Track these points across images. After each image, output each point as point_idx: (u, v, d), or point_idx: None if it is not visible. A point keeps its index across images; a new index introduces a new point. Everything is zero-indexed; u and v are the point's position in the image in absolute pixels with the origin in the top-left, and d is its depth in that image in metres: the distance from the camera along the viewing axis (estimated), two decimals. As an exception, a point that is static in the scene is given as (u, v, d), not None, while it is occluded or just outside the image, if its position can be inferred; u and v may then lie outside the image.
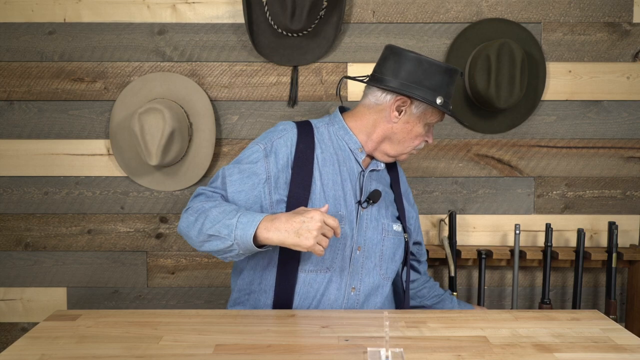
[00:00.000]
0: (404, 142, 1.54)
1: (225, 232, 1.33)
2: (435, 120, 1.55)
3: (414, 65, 1.49)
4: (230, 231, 1.32)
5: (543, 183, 2.15)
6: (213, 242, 1.36)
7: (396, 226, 1.58)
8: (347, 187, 1.52)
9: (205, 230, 1.36)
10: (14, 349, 1.18)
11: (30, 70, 2.09)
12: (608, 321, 1.36)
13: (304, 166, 1.48)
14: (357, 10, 2.08)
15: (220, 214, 1.36)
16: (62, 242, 2.15)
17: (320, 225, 1.27)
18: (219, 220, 1.35)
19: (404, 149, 1.56)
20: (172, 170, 2.09)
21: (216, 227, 1.34)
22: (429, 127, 1.56)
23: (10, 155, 2.12)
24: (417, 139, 1.55)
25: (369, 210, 1.53)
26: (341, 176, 1.51)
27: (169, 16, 2.08)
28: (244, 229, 1.31)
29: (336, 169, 1.51)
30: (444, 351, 1.16)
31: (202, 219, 1.38)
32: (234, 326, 1.32)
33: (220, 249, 1.36)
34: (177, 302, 2.17)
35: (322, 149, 1.53)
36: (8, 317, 2.17)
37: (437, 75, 1.49)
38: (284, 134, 1.52)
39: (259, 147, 1.50)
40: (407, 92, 1.48)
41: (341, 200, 1.49)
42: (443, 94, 1.50)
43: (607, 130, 2.13)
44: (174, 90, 2.08)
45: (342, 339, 1.23)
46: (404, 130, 1.53)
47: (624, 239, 2.12)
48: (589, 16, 2.09)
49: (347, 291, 1.50)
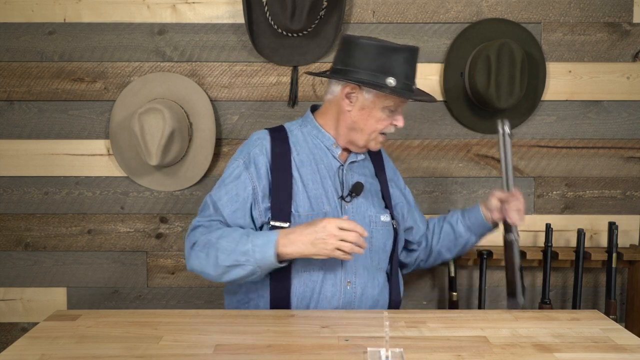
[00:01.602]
0: (366, 129, 1.50)
1: (243, 259, 1.36)
2: (395, 103, 1.49)
3: (360, 51, 1.47)
4: (249, 257, 1.36)
5: (543, 183, 2.15)
6: (233, 271, 1.39)
7: (384, 216, 1.57)
8: (328, 184, 1.52)
9: (222, 263, 1.38)
10: (14, 349, 1.18)
11: (30, 70, 2.09)
12: (608, 321, 1.36)
13: (283, 170, 1.50)
14: (357, 10, 2.08)
15: (230, 242, 1.39)
16: (62, 242, 2.15)
17: (333, 232, 1.32)
18: (233, 250, 1.37)
19: (369, 136, 1.51)
20: (172, 170, 2.09)
21: (233, 257, 1.37)
22: (390, 110, 1.50)
23: (10, 155, 2.12)
24: (380, 124, 1.50)
25: (354, 203, 1.53)
26: (320, 174, 1.52)
27: (169, 16, 2.08)
28: (263, 251, 1.35)
29: (314, 168, 1.53)
30: (444, 351, 1.16)
31: (214, 252, 1.40)
32: (234, 326, 1.32)
33: (242, 276, 1.39)
34: (177, 302, 2.17)
35: (298, 150, 1.54)
36: (8, 317, 2.17)
37: (383, 57, 1.45)
38: (259, 143, 1.54)
39: (238, 162, 1.53)
40: (350, 78, 1.47)
41: (323, 198, 1.51)
42: (395, 75, 1.45)
43: (607, 130, 2.13)
44: (174, 90, 2.08)
45: (342, 339, 1.23)
46: (361, 117, 1.50)
47: (624, 239, 2.12)
48: (589, 16, 2.09)
49: (342, 286, 1.50)
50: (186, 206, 2.13)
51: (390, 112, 1.50)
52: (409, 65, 1.48)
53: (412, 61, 1.49)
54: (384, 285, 1.58)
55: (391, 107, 1.49)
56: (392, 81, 1.44)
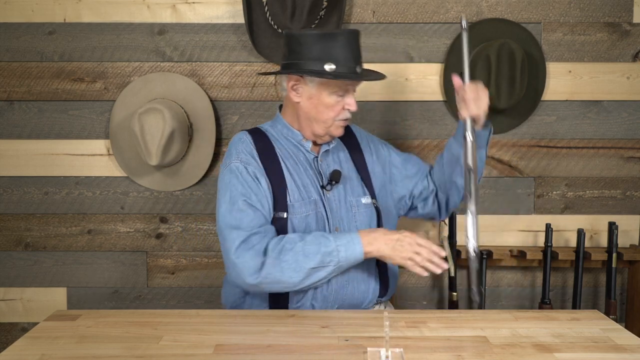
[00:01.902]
0: (320, 117, 1.52)
1: (328, 259, 1.40)
2: (340, 87, 1.50)
3: (299, 43, 1.50)
4: (333, 257, 1.40)
5: (543, 183, 2.15)
6: (315, 274, 1.41)
7: (365, 199, 1.60)
8: (308, 175, 1.56)
9: (305, 265, 1.39)
10: (14, 349, 1.18)
11: (30, 70, 2.09)
12: (608, 321, 1.36)
13: (272, 161, 1.53)
14: (357, 10, 2.08)
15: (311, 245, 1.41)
16: (62, 242, 2.15)
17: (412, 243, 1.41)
18: (317, 251, 1.40)
19: (325, 123, 1.52)
20: (172, 170, 2.09)
21: (318, 258, 1.40)
22: (339, 95, 1.51)
23: (10, 155, 2.12)
24: (333, 110, 1.51)
25: (334, 191, 1.56)
26: (302, 166, 1.56)
27: (169, 16, 2.08)
28: (347, 250, 1.41)
29: (295, 160, 1.56)
30: (444, 351, 1.16)
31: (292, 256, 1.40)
32: (234, 326, 1.32)
33: (322, 278, 1.42)
34: (177, 302, 2.17)
35: (278, 146, 1.57)
36: (8, 317, 2.17)
37: (320, 45, 1.47)
38: (242, 141, 1.56)
39: (234, 163, 1.51)
40: (290, 70, 1.50)
41: (310, 187, 1.54)
42: (334, 60, 1.46)
43: (607, 130, 2.13)
44: (174, 90, 2.08)
45: (342, 339, 1.23)
46: (312, 106, 1.52)
47: (624, 239, 2.12)
48: (589, 16, 2.09)
49: None
50: (186, 206, 2.13)
51: (340, 97, 1.51)
52: (349, 48, 1.49)
53: (352, 44, 1.50)
54: (375, 271, 1.58)
55: (338, 92, 1.50)
56: (332, 66, 1.46)
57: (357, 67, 1.50)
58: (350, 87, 1.51)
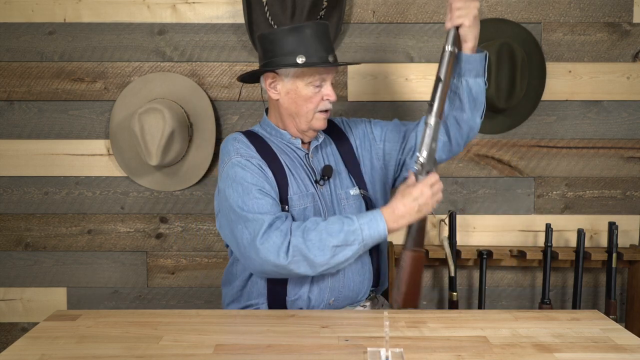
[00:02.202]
0: (300, 111, 1.53)
1: (352, 238, 1.40)
2: (315, 77, 1.50)
3: (270, 42, 1.52)
4: (357, 235, 1.40)
5: (543, 183, 2.15)
6: (340, 253, 1.40)
7: (353, 190, 1.61)
8: (302, 172, 1.57)
9: (329, 244, 1.39)
10: (14, 349, 1.18)
11: (30, 70, 2.09)
12: (608, 321, 1.36)
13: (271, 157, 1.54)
14: (357, 10, 2.08)
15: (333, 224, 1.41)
16: (62, 242, 2.15)
17: (429, 193, 1.44)
18: (340, 230, 1.40)
19: (306, 116, 1.53)
20: (172, 170, 2.09)
21: (341, 237, 1.39)
22: (315, 86, 1.51)
23: (10, 155, 2.12)
24: (311, 102, 1.52)
25: (326, 185, 1.58)
26: (296, 162, 1.58)
27: (169, 16, 2.08)
28: (371, 228, 1.41)
29: (289, 157, 1.58)
30: (444, 351, 1.16)
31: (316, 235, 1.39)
32: (234, 326, 1.32)
33: (348, 257, 1.41)
34: (177, 302, 2.17)
35: (272, 145, 1.59)
36: (8, 317, 2.17)
37: (285, 39, 1.50)
38: (237, 140, 1.57)
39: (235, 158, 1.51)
40: (265, 68, 1.53)
41: (307, 181, 1.56)
42: (303, 52, 1.48)
43: (607, 130, 2.13)
44: (174, 90, 2.08)
45: (342, 339, 1.23)
46: (290, 101, 1.53)
47: (624, 239, 2.12)
48: (589, 16, 2.09)
49: None
50: (186, 206, 2.13)
51: (317, 88, 1.52)
52: (318, 39, 1.50)
53: (321, 35, 1.51)
54: (369, 260, 1.58)
55: (314, 82, 1.51)
56: (303, 58, 1.48)
57: (329, 56, 1.51)
58: (325, 76, 1.52)
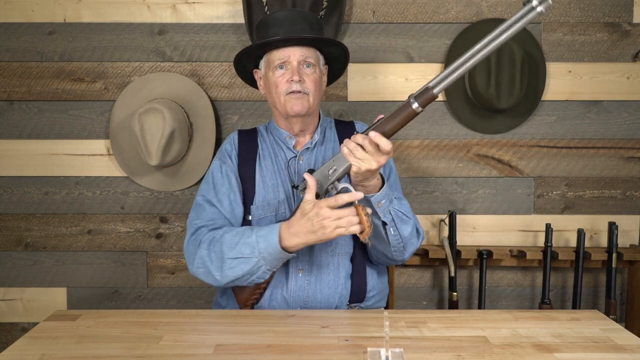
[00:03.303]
0: (274, 98, 1.55)
1: (247, 251, 1.36)
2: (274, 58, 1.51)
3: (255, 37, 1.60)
4: (252, 248, 1.36)
5: (543, 183, 2.15)
6: (237, 267, 1.38)
7: None
8: (283, 175, 1.57)
9: (225, 257, 1.38)
10: (14, 349, 1.18)
11: (30, 70, 2.09)
12: (608, 321, 1.36)
13: (247, 164, 1.58)
14: (357, 10, 2.08)
15: (234, 236, 1.40)
16: (62, 242, 2.15)
17: (325, 215, 1.30)
18: (237, 242, 1.38)
19: (280, 102, 1.53)
20: (172, 170, 2.09)
21: (237, 249, 1.37)
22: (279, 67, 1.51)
23: (10, 155, 2.12)
24: (279, 85, 1.52)
25: None
26: (277, 166, 1.58)
27: (169, 16, 2.08)
28: (267, 240, 1.36)
29: (273, 160, 1.59)
30: (444, 351, 1.16)
31: (218, 247, 1.41)
32: (234, 326, 1.32)
33: (246, 272, 1.38)
34: (177, 302, 2.17)
35: (262, 147, 1.62)
36: (8, 317, 2.17)
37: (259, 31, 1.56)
38: (229, 141, 1.65)
39: (214, 161, 1.62)
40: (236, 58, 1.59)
41: (280, 187, 1.55)
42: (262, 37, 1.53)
43: (607, 130, 2.13)
44: (174, 90, 2.08)
45: (342, 339, 1.23)
46: (268, 91, 1.58)
47: (624, 239, 2.12)
48: (589, 16, 2.09)
49: (294, 273, 1.49)
50: (186, 206, 2.13)
51: (281, 70, 1.51)
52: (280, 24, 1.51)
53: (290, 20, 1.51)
54: (345, 274, 1.51)
55: (277, 62, 1.51)
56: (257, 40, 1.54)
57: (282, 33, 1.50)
58: (286, 56, 1.50)
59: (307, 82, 1.51)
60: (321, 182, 1.37)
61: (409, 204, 1.56)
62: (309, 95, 1.52)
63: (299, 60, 1.51)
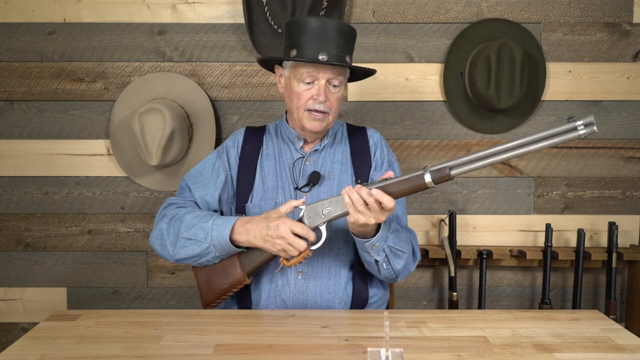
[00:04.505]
0: (292, 106, 1.50)
1: (201, 235, 1.39)
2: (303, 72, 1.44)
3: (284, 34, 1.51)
4: (206, 234, 1.39)
5: (543, 183, 2.15)
6: (189, 247, 1.42)
7: None
8: (285, 176, 1.55)
9: (181, 235, 1.42)
10: (14, 349, 1.18)
11: (30, 70, 2.09)
12: (608, 321, 1.36)
13: (248, 164, 1.56)
14: (357, 10, 2.08)
15: (194, 218, 1.43)
16: (62, 242, 2.15)
17: (283, 234, 1.32)
18: (195, 224, 1.41)
19: (297, 113, 1.48)
20: (172, 170, 2.09)
21: (192, 231, 1.41)
22: (306, 82, 1.45)
23: (10, 155, 2.12)
24: (300, 98, 1.47)
25: (313, 193, 1.52)
26: (279, 166, 1.56)
27: (169, 16, 2.08)
28: (220, 230, 1.38)
29: (276, 161, 1.57)
30: (444, 351, 1.16)
31: (177, 224, 1.44)
32: (234, 326, 1.32)
33: (197, 254, 1.41)
34: (177, 302, 2.17)
35: (267, 146, 1.59)
36: (8, 317, 2.17)
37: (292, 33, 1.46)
38: (233, 138, 1.62)
39: (213, 153, 1.60)
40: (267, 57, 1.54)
41: (279, 189, 1.53)
42: (296, 45, 1.44)
43: (607, 130, 2.13)
44: (174, 90, 2.08)
45: (342, 339, 1.23)
46: (287, 95, 1.53)
47: (624, 239, 2.12)
48: (589, 16, 2.09)
49: (293, 276, 1.48)
50: (186, 206, 2.13)
51: (307, 85, 1.46)
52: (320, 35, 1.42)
53: (325, 32, 1.43)
54: (346, 280, 1.50)
55: (305, 79, 1.45)
56: (294, 52, 1.44)
57: (322, 55, 1.42)
58: (316, 74, 1.44)
59: (330, 101, 1.48)
60: (311, 216, 1.37)
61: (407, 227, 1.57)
62: (329, 114, 1.49)
63: (327, 79, 1.46)
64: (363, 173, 1.57)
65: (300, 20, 1.46)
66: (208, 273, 1.45)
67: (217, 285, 1.44)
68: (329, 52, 1.43)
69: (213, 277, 1.44)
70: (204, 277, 1.46)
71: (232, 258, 1.43)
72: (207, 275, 1.45)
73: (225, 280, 1.43)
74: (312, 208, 1.37)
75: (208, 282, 1.45)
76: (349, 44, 1.48)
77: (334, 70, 1.45)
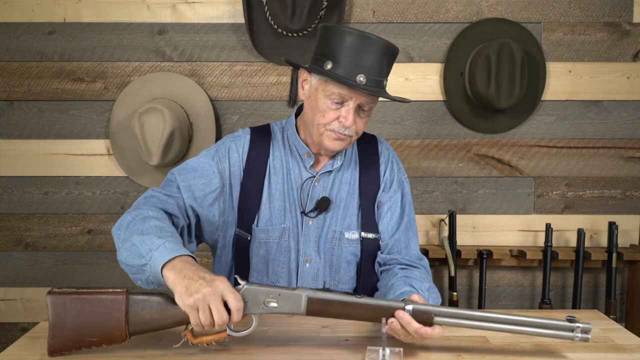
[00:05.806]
0: (313, 120, 1.33)
1: (145, 248, 1.17)
2: (334, 91, 1.28)
3: (319, 37, 1.33)
4: (150, 250, 1.16)
5: (543, 183, 2.15)
6: (131, 254, 1.20)
7: (349, 233, 1.42)
8: (293, 197, 1.41)
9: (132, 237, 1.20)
10: (14, 349, 1.18)
11: (30, 70, 2.09)
12: (608, 321, 1.36)
13: (255, 176, 1.40)
14: (357, 10, 2.08)
15: (154, 227, 1.21)
16: (62, 242, 2.15)
17: (210, 297, 1.06)
18: (150, 233, 1.19)
19: (317, 128, 1.33)
20: (172, 170, 2.09)
21: (142, 239, 1.19)
22: (335, 102, 1.30)
23: (10, 155, 2.12)
24: (325, 116, 1.31)
25: (319, 219, 1.41)
26: (287, 185, 1.41)
27: (169, 16, 2.08)
28: (162, 253, 1.15)
29: (284, 177, 1.42)
30: (444, 351, 1.16)
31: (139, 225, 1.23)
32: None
33: (134, 265, 1.21)
34: (177, 302, 2.17)
35: (275, 155, 1.43)
36: (8, 317, 2.17)
37: (330, 41, 1.29)
38: (237, 140, 1.43)
39: (210, 152, 1.42)
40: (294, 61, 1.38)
41: (286, 212, 1.40)
42: (333, 58, 1.27)
43: (607, 130, 2.13)
44: (174, 90, 2.08)
45: (342, 339, 1.23)
46: (309, 105, 1.35)
47: (624, 239, 2.12)
48: (589, 16, 2.09)
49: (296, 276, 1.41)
50: (186, 206, 2.13)
51: (336, 105, 1.30)
52: (360, 53, 1.26)
53: (366, 51, 1.27)
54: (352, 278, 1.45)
55: (335, 97, 1.29)
56: (329, 65, 1.27)
57: (361, 76, 1.27)
58: (347, 96, 1.29)
59: (357, 125, 1.34)
60: (249, 300, 1.12)
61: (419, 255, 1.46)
62: (352, 137, 1.36)
63: (358, 104, 1.30)
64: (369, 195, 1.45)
65: (341, 30, 1.29)
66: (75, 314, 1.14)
67: (83, 333, 1.14)
68: (368, 75, 1.27)
69: (81, 320, 1.14)
70: (62, 318, 1.13)
71: (119, 304, 1.17)
72: (71, 317, 1.14)
73: (97, 330, 1.14)
74: (252, 292, 1.12)
75: (71, 326, 1.13)
76: (390, 65, 1.33)
77: (367, 96, 1.29)
